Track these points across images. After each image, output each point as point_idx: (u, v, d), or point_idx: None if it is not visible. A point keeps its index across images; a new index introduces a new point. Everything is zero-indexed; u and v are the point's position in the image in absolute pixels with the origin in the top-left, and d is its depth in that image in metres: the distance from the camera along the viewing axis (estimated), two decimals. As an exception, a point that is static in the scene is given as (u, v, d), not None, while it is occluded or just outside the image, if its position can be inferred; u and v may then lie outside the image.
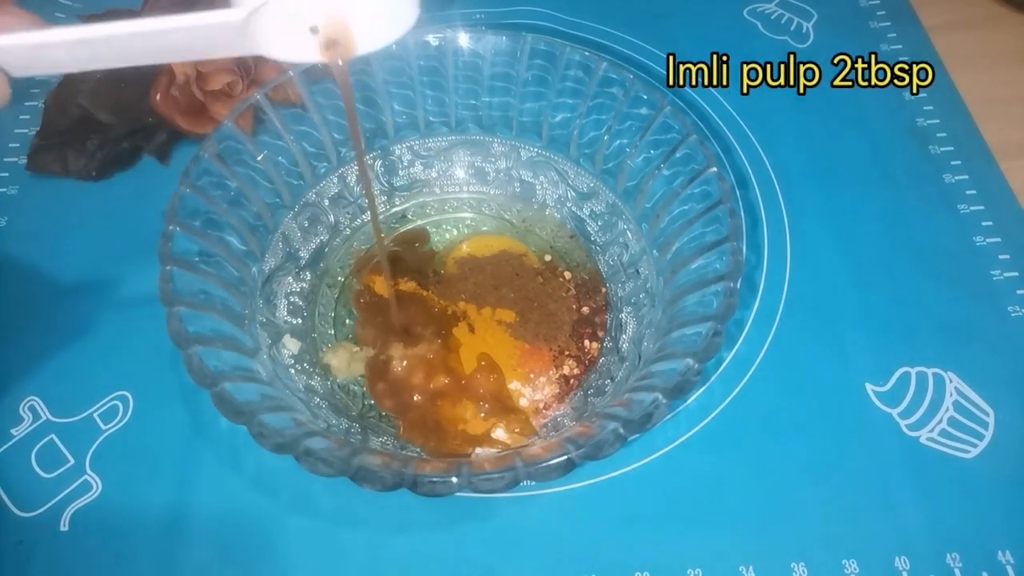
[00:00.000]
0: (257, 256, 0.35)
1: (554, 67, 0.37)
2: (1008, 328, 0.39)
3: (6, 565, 0.32)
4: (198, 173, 0.32)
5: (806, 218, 0.43)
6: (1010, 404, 0.36)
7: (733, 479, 0.34)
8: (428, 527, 0.33)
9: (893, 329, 0.39)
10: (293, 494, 0.33)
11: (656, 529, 0.33)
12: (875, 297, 0.40)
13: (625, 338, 0.36)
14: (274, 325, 0.35)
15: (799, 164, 0.45)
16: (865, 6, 0.54)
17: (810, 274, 0.41)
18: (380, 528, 0.33)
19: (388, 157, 0.41)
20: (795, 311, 0.39)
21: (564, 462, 0.25)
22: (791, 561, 0.32)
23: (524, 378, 0.36)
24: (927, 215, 0.43)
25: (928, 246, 0.42)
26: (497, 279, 0.39)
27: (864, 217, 0.43)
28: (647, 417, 0.26)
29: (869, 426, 0.36)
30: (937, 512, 0.33)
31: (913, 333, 0.39)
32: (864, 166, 0.45)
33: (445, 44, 0.38)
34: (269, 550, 0.32)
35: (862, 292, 0.40)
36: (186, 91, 0.40)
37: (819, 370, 0.37)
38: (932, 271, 0.41)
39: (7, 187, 0.43)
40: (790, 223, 0.43)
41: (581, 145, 0.39)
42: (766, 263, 0.41)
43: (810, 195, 0.44)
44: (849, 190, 0.44)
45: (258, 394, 0.28)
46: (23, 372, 0.36)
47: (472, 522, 0.33)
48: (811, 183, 0.44)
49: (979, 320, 0.39)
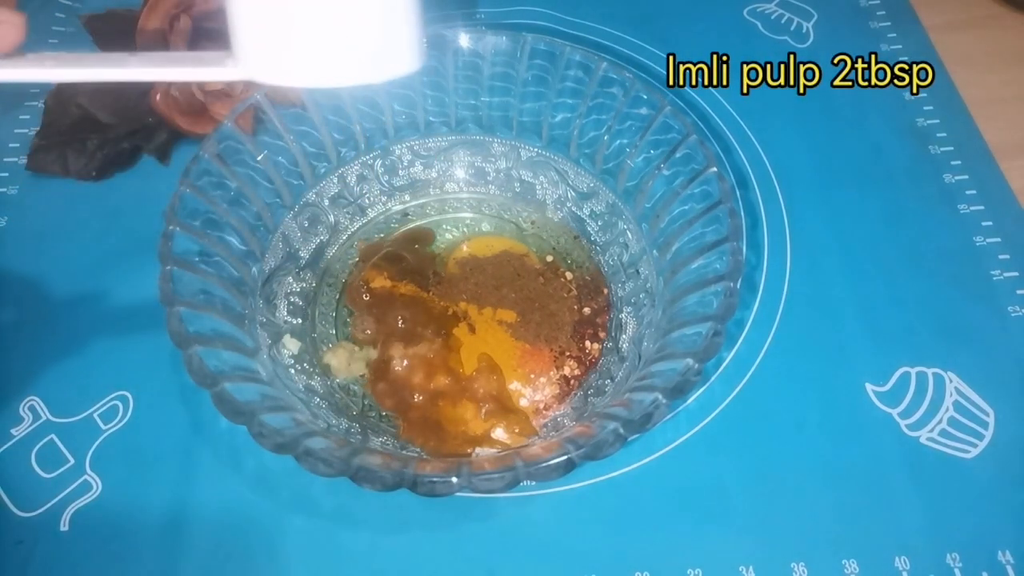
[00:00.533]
0: (257, 256, 0.35)
1: (554, 67, 0.37)
2: (1008, 328, 0.39)
3: (6, 565, 0.32)
4: (198, 173, 0.32)
5: (806, 218, 0.43)
6: (1010, 404, 0.36)
7: (733, 479, 0.34)
8: (428, 527, 0.33)
9: (893, 329, 0.39)
10: (293, 494, 0.33)
11: (656, 529, 0.33)
12: (875, 297, 0.40)
13: (625, 338, 0.36)
14: (274, 325, 0.35)
15: (799, 164, 0.45)
16: (865, 6, 0.54)
17: (810, 274, 0.41)
18: (380, 528, 0.33)
19: (388, 157, 0.41)
20: (795, 311, 0.39)
21: (564, 462, 0.25)
22: (791, 561, 0.32)
23: (524, 378, 0.36)
24: (927, 215, 0.43)
25: (928, 246, 0.42)
26: (498, 279, 0.39)
27: (864, 217, 0.43)
28: (647, 417, 0.26)
29: (869, 426, 0.36)
30: (937, 512, 0.33)
31: (913, 333, 0.39)
32: (864, 166, 0.45)
33: (445, 44, 0.38)
34: (269, 550, 0.32)
35: (862, 292, 0.40)
36: (186, 91, 0.40)
37: (819, 370, 0.37)
38: (932, 271, 0.41)
39: (7, 187, 0.43)
40: (790, 223, 0.43)
41: (581, 145, 0.39)
42: (766, 263, 0.41)
43: (810, 195, 0.44)
44: (849, 190, 0.44)
45: (258, 394, 0.28)
46: (23, 372, 0.36)
47: (472, 522, 0.33)
48: (811, 183, 0.44)
49: (979, 320, 0.39)
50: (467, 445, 0.34)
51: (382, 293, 0.38)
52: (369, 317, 0.37)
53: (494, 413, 0.34)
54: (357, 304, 0.38)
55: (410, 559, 0.32)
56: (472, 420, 0.34)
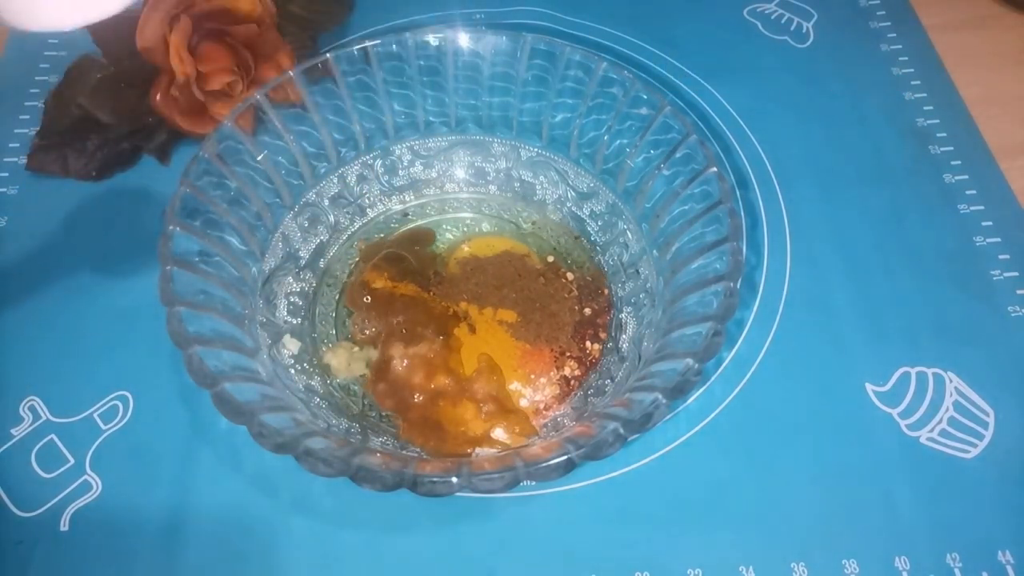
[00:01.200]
0: (257, 256, 0.35)
1: (554, 67, 0.37)
2: (1008, 328, 0.39)
3: (6, 565, 0.32)
4: (198, 173, 0.32)
5: (806, 218, 0.43)
6: (1010, 404, 0.36)
7: (733, 479, 0.34)
8: (428, 527, 0.33)
9: (893, 329, 0.39)
10: (293, 494, 0.33)
11: (656, 529, 0.33)
12: (875, 297, 0.40)
13: (625, 338, 0.36)
14: (274, 325, 0.35)
15: (799, 164, 0.45)
16: (865, 6, 0.54)
17: (810, 274, 0.41)
18: (380, 528, 0.33)
19: (388, 157, 0.41)
20: (795, 311, 0.39)
21: (564, 462, 0.25)
22: (791, 561, 0.32)
23: (525, 379, 0.36)
24: (927, 215, 0.43)
25: (928, 246, 0.42)
26: (499, 280, 0.39)
27: (864, 217, 0.43)
28: (647, 417, 0.26)
29: (869, 426, 0.36)
30: (937, 512, 0.33)
31: (913, 333, 0.39)
32: (864, 166, 0.45)
33: (445, 44, 0.38)
34: (269, 550, 0.32)
35: (862, 292, 0.40)
36: (186, 91, 0.40)
37: (819, 370, 0.37)
38: (932, 271, 0.41)
39: (7, 187, 0.43)
40: (790, 223, 0.43)
41: (581, 145, 0.39)
42: (766, 263, 0.41)
43: (810, 195, 0.44)
44: (849, 190, 0.44)
45: (258, 394, 0.28)
46: (23, 372, 0.36)
47: (472, 522, 0.33)
48: (811, 183, 0.44)
49: (979, 320, 0.39)
50: (467, 445, 0.34)
51: (382, 293, 0.38)
52: (369, 317, 0.37)
53: (494, 413, 0.34)
54: (357, 304, 0.38)
55: (410, 559, 0.32)
56: (472, 420, 0.34)
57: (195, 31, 0.40)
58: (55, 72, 0.47)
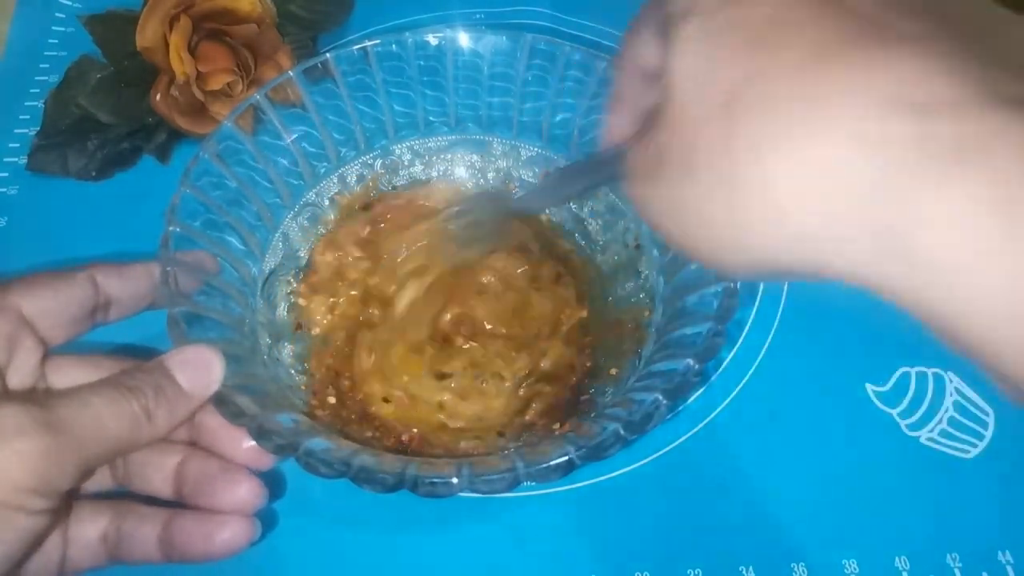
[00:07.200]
0: (257, 256, 0.35)
1: (554, 67, 0.37)
2: (1008, 328, 0.39)
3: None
4: (198, 173, 0.32)
5: (806, 218, 0.43)
6: (1010, 404, 0.36)
7: (733, 479, 0.34)
8: (428, 527, 0.33)
9: (893, 329, 0.39)
10: (293, 494, 0.33)
11: (656, 529, 0.33)
12: (875, 297, 0.40)
13: (625, 338, 0.36)
14: (274, 325, 0.35)
15: (799, 164, 0.45)
16: (865, 6, 0.54)
17: (810, 274, 0.40)
18: (380, 528, 0.33)
19: (388, 157, 0.41)
20: (795, 311, 0.39)
21: (564, 463, 0.25)
22: (791, 561, 0.32)
23: (524, 380, 0.36)
24: (927, 215, 0.43)
25: (928, 246, 0.42)
26: (499, 280, 0.38)
27: (864, 217, 0.43)
28: (647, 418, 0.26)
29: (869, 426, 0.36)
30: (937, 512, 0.33)
31: (913, 333, 0.38)
32: (864, 166, 0.45)
33: (445, 44, 0.38)
34: (269, 550, 0.32)
35: (862, 292, 0.40)
36: (186, 91, 0.40)
37: (819, 370, 0.37)
38: (932, 271, 0.41)
39: (7, 187, 0.43)
40: (790, 223, 0.42)
41: (582, 145, 0.39)
42: (766, 263, 0.41)
43: (810, 195, 0.44)
44: (849, 190, 0.44)
45: (258, 394, 0.28)
46: (23, 372, 0.36)
47: (472, 522, 0.33)
48: (811, 183, 0.44)
49: (979, 320, 0.39)
50: (445, 436, 0.33)
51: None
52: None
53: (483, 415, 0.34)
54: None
55: (410, 559, 0.32)
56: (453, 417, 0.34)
57: (195, 31, 0.40)
58: (55, 72, 0.47)
